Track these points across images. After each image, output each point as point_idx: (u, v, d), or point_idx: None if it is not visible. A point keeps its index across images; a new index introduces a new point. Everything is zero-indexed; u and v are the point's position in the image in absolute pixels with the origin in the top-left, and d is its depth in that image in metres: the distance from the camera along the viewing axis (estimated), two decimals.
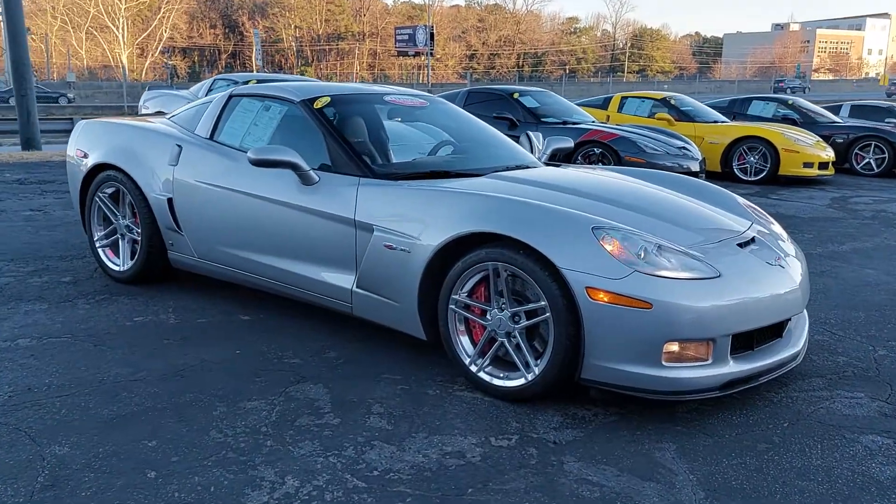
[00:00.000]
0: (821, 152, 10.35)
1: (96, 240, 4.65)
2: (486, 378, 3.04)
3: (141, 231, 4.34)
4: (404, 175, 3.59)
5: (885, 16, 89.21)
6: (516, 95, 9.81)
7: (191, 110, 4.61)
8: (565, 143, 4.97)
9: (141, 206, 4.30)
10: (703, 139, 10.51)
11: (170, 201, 4.17)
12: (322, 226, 3.51)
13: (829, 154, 10.47)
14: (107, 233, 4.62)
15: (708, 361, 2.81)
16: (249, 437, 2.67)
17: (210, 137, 4.22)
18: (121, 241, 4.53)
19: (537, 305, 2.88)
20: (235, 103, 4.28)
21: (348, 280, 3.46)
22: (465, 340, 3.12)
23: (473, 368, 3.08)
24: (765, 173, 10.24)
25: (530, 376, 2.92)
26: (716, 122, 11.10)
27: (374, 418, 2.85)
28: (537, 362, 2.91)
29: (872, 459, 2.64)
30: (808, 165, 10.16)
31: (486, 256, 2.96)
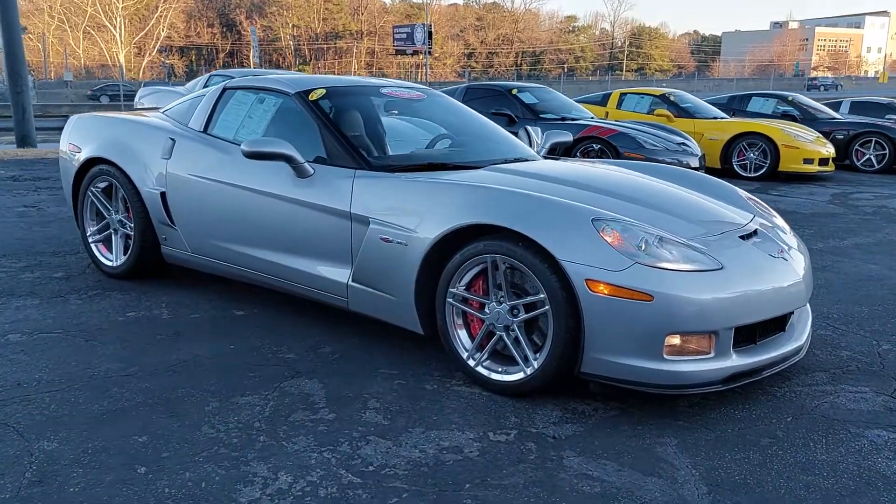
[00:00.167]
0: (821, 148, 10.30)
1: (89, 235, 4.59)
2: (484, 372, 2.98)
3: (134, 226, 4.28)
4: (401, 167, 3.53)
5: (885, 14, 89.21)
6: (515, 92, 9.76)
7: (184, 104, 4.54)
8: (564, 137, 4.92)
9: (134, 201, 4.24)
10: (703, 135, 10.46)
11: (163, 195, 4.11)
12: (317, 219, 3.46)
13: (829, 150, 10.42)
14: (99, 228, 4.56)
15: (710, 355, 2.76)
16: (242, 432, 2.61)
17: (204, 131, 4.16)
18: (114, 236, 4.47)
19: (536, 298, 2.82)
20: (229, 96, 4.22)
21: (344, 274, 3.40)
22: (462, 334, 3.07)
23: (471, 363, 3.02)
24: (764, 169, 10.19)
25: (529, 370, 2.86)
26: (715, 118, 11.05)
27: (369, 413, 2.79)
28: (536, 356, 2.85)
29: (878, 454, 2.59)
30: (808, 161, 10.11)
31: (485, 249, 2.91)
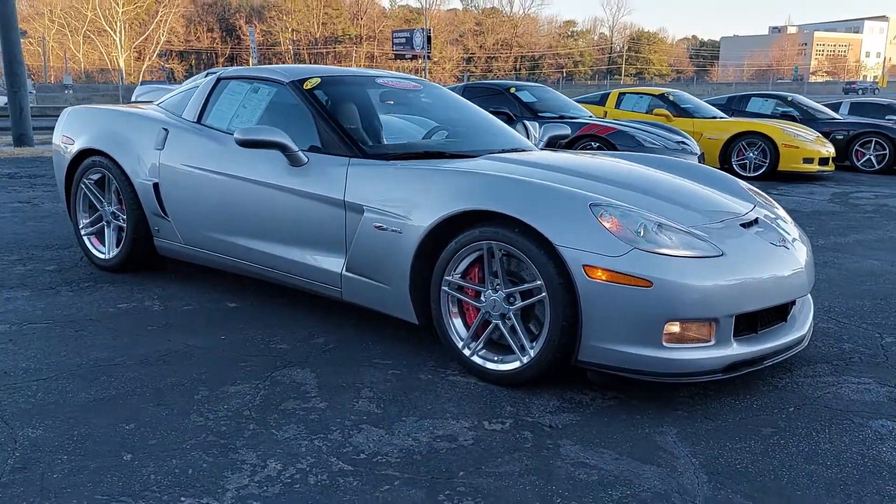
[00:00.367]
0: (821, 148, 10.25)
1: (81, 227, 4.53)
2: (480, 362, 2.92)
3: (126, 217, 4.22)
4: (396, 156, 3.48)
5: (884, 18, 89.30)
6: (513, 90, 9.71)
7: (178, 95, 4.49)
8: (562, 130, 4.88)
9: (126, 192, 4.18)
10: (702, 135, 10.41)
11: (156, 186, 4.05)
12: (310, 208, 3.40)
13: (829, 150, 10.37)
14: (92, 220, 4.50)
15: (710, 343, 2.70)
16: (231, 420, 2.55)
17: (197, 121, 4.11)
18: (106, 228, 4.41)
19: (533, 285, 2.76)
20: (224, 86, 4.17)
21: (337, 264, 3.34)
22: (457, 323, 3.01)
23: (466, 352, 2.96)
24: (764, 169, 10.13)
25: (525, 359, 2.80)
26: (714, 117, 11.01)
27: (362, 402, 2.73)
28: (533, 344, 2.80)
29: (883, 443, 2.53)
30: (807, 161, 10.06)
31: (481, 235, 2.85)
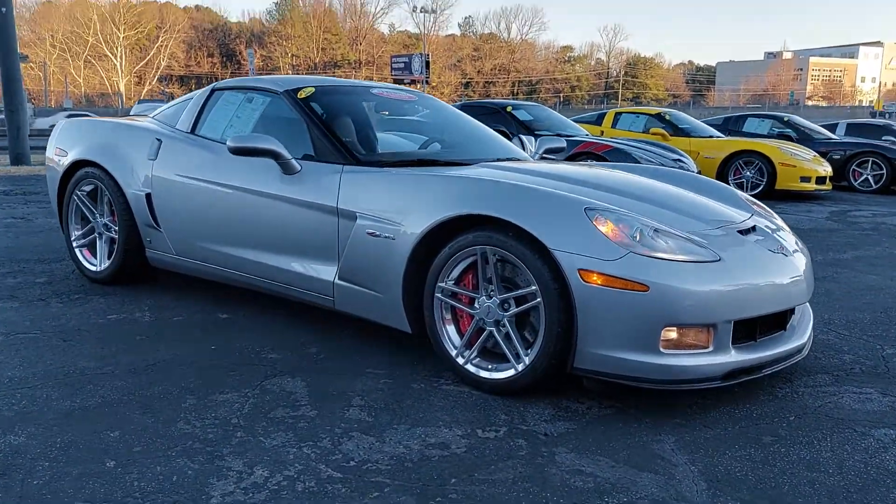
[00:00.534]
0: (818, 167, 10.25)
1: (73, 239, 4.48)
2: (474, 370, 2.87)
3: (118, 229, 4.18)
4: (390, 163, 3.44)
5: (878, 44, 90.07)
6: (510, 109, 9.72)
7: (173, 107, 4.47)
8: (558, 143, 4.86)
9: (119, 203, 4.14)
10: (699, 154, 10.42)
11: (148, 196, 4.01)
12: (303, 216, 3.36)
13: (826, 169, 10.37)
14: (84, 232, 4.46)
15: (709, 349, 2.65)
16: (219, 428, 2.49)
17: (191, 131, 4.08)
18: (98, 240, 4.37)
19: (527, 291, 2.71)
20: (218, 97, 4.15)
21: (330, 272, 3.30)
22: (451, 330, 2.95)
23: (460, 360, 2.90)
24: (761, 188, 10.12)
25: (520, 367, 2.75)
26: (711, 136, 11.02)
27: (353, 411, 2.67)
28: (528, 352, 2.74)
29: (886, 452, 2.47)
30: (805, 180, 10.06)
31: (474, 240, 2.81)
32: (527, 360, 2.73)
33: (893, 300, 4.56)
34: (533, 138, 4.83)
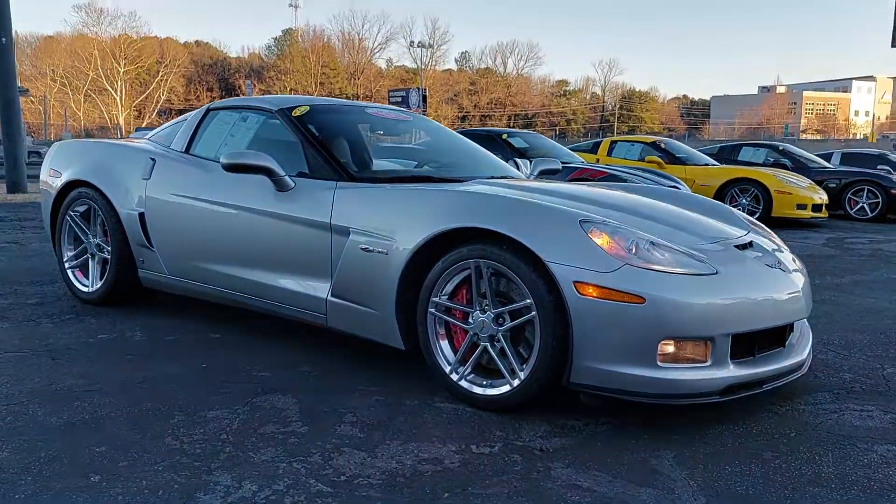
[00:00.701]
0: (814, 195, 10.28)
1: (66, 260, 4.45)
2: (467, 386, 2.81)
3: (111, 249, 4.15)
4: (384, 180, 3.43)
5: (871, 78, 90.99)
6: (505, 136, 9.75)
7: (168, 128, 4.47)
8: (553, 165, 4.84)
9: (112, 223, 4.11)
10: (695, 182, 10.44)
11: (141, 216, 3.99)
12: (296, 232, 3.33)
13: (822, 197, 10.40)
14: (76, 253, 4.42)
15: (707, 363, 2.61)
16: (207, 443, 2.44)
17: (186, 151, 4.07)
18: (90, 260, 4.33)
19: (522, 304, 2.68)
20: (213, 117, 4.14)
21: (323, 289, 3.26)
22: (445, 345, 2.91)
23: (454, 377, 2.85)
24: (757, 215, 10.12)
25: (515, 382, 2.70)
26: (707, 164, 11.06)
27: (345, 427, 2.61)
28: (523, 367, 2.69)
29: (889, 467, 2.42)
30: (801, 207, 10.07)
31: (468, 254, 2.77)
32: (522, 376, 2.68)
33: (892, 322, 4.53)
34: (528, 161, 4.83)
